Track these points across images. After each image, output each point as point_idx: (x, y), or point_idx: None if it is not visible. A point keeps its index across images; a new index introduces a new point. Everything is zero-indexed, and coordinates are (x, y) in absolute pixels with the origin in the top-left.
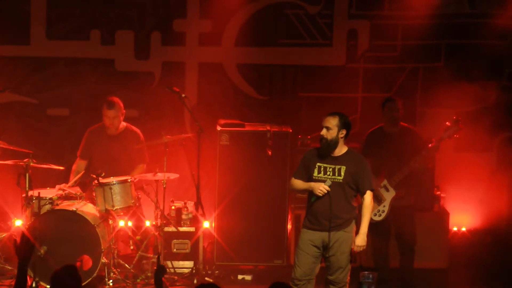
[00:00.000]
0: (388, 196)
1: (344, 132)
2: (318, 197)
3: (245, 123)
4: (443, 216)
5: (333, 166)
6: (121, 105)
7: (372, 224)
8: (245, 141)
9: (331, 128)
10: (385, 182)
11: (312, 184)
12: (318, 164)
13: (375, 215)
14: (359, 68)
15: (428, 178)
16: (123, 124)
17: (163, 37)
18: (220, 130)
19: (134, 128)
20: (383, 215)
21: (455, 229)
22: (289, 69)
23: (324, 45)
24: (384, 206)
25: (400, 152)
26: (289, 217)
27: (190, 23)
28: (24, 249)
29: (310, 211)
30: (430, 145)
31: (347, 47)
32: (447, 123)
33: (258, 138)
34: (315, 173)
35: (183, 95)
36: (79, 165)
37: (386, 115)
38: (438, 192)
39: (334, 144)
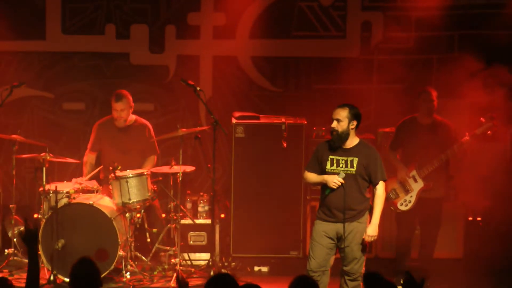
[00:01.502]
0: (416, 186)
1: (354, 123)
2: (332, 190)
3: (260, 116)
4: (458, 206)
5: (345, 158)
6: (130, 98)
7: (398, 214)
8: (260, 133)
9: (342, 120)
10: (414, 172)
11: (326, 177)
12: (331, 156)
13: (401, 204)
14: (373, 59)
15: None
16: (132, 117)
17: (178, 31)
18: (235, 122)
19: (143, 120)
20: (410, 205)
21: (470, 219)
22: (303, 61)
23: (337, 37)
24: (411, 196)
25: (432, 144)
26: (305, 208)
27: (204, 16)
28: (29, 236)
29: (324, 203)
30: (462, 139)
31: (361, 39)
32: (481, 119)
33: (273, 130)
34: (328, 166)
35: (198, 88)
36: (89, 158)
37: (421, 105)
38: (453, 182)
39: (345, 136)
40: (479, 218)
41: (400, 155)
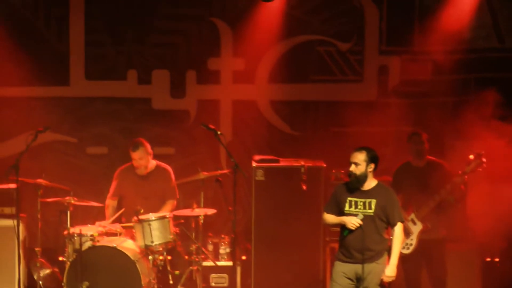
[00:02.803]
0: (416, 229)
1: (372, 166)
2: (351, 231)
3: (280, 159)
4: (475, 247)
5: (363, 200)
6: (147, 145)
7: (403, 257)
8: (280, 176)
9: (359, 163)
10: (412, 215)
11: (344, 218)
12: (349, 198)
13: (403, 248)
14: (390, 102)
15: (460, 210)
16: (153, 162)
17: (198, 76)
18: (255, 166)
19: (164, 165)
20: (411, 248)
21: (487, 259)
22: (322, 105)
23: (355, 81)
24: (411, 239)
25: (427, 186)
26: (324, 249)
27: (224, 61)
28: None
29: (343, 244)
30: (453, 178)
31: (378, 83)
32: (470, 156)
33: (293, 173)
34: (347, 208)
35: (219, 132)
36: (111, 203)
37: (411, 148)
38: (470, 223)
39: (363, 178)
40: (496, 259)
41: (401, 199)
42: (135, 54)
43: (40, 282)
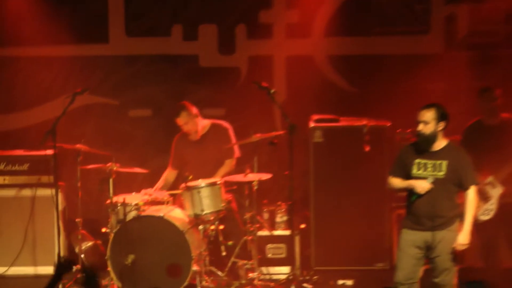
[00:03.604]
0: (495, 192)
1: (442, 124)
2: (419, 195)
3: (339, 118)
4: None
5: (433, 162)
6: (190, 107)
7: (480, 224)
8: (340, 137)
9: (428, 122)
10: (490, 178)
11: (412, 182)
12: (417, 160)
13: (483, 214)
14: (459, 56)
15: None
16: (206, 123)
17: (249, 30)
18: (313, 126)
19: (219, 123)
20: (491, 213)
21: None
22: (384, 59)
23: (420, 33)
24: (491, 204)
25: (502, 146)
26: (390, 216)
27: (276, 14)
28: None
29: (411, 210)
30: None
31: (445, 34)
32: None
33: (354, 133)
34: (414, 170)
35: (272, 91)
36: (169, 174)
37: (483, 106)
38: None
39: (432, 138)
40: None
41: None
42: (180, 7)
43: (82, 256)
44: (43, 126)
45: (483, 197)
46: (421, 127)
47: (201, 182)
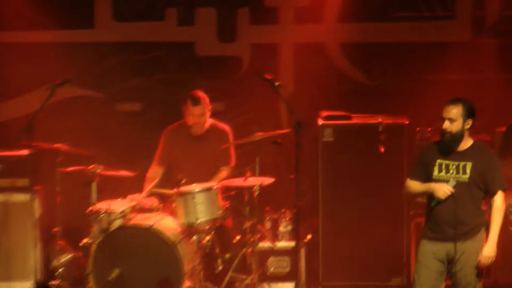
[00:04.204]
0: None
1: (470, 122)
2: (440, 201)
3: (352, 115)
4: None
5: (456, 163)
6: (207, 99)
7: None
8: (353, 136)
9: (455, 119)
10: None
11: (433, 185)
12: (439, 161)
13: None
14: (488, 44)
15: None
16: (209, 121)
17: (252, 14)
18: (322, 124)
19: (222, 125)
20: None
21: None
22: (404, 48)
23: (445, 18)
24: None
25: None
26: (408, 225)
27: None
28: None
29: (431, 217)
30: None
31: (473, 19)
32: None
33: (368, 132)
34: (436, 172)
35: (277, 83)
36: (155, 172)
37: None
38: None
39: (459, 137)
40: None
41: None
42: None
43: (60, 270)
44: (19, 122)
45: None
46: (446, 125)
47: (196, 187)
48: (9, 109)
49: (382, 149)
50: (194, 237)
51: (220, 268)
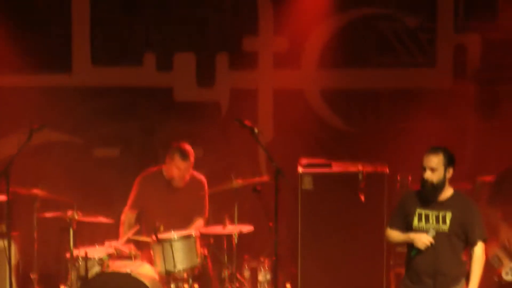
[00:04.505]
0: None
1: (451, 170)
2: (420, 251)
3: (332, 162)
4: None
5: (436, 213)
6: (193, 154)
7: (503, 286)
8: (332, 184)
9: (436, 168)
10: None
11: (412, 235)
12: (419, 210)
13: (507, 274)
14: (469, 91)
15: None
16: None
17: (231, 59)
18: (302, 172)
19: (199, 176)
20: None
21: None
22: (384, 94)
23: (426, 65)
24: None
25: None
26: (388, 276)
27: (263, 41)
28: None
29: (411, 267)
30: None
31: (454, 67)
32: None
33: (348, 181)
34: (415, 222)
35: (256, 130)
36: (128, 216)
37: None
38: None
39: (441, 186)
40: None
41: (503, 212)
42: (153, 33)
43: None
44: None
45: (509, 254)
46: (428, 174)
47: (174, 234)
48: None
49: (363, 198)
50: (172, 285)
51: None
